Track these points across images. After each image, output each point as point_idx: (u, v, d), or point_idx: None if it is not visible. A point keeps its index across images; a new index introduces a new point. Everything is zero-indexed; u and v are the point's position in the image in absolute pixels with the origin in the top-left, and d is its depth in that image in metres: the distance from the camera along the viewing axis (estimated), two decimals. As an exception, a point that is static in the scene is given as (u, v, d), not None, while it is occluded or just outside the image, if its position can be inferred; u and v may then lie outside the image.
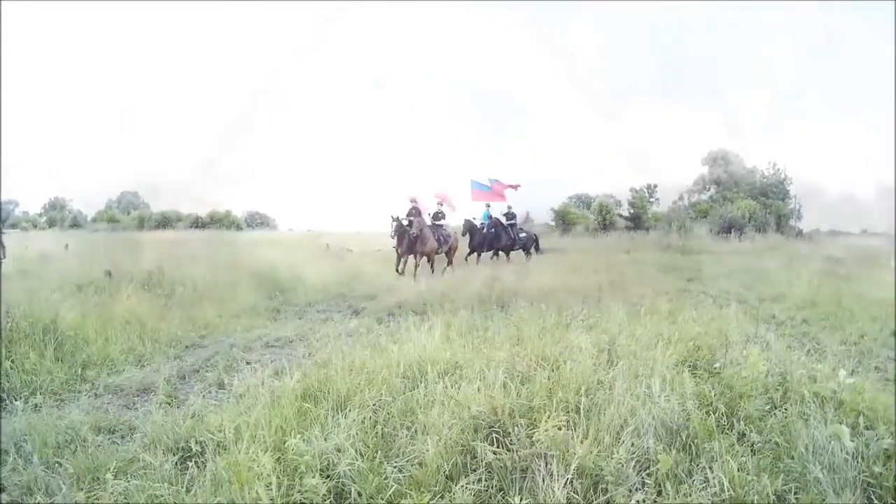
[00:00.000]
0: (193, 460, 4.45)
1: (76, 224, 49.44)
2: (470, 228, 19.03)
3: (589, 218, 48.64)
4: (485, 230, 19.62)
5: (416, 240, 16.75)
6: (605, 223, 46.59)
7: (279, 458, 4.27)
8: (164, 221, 53.46)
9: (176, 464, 4.45)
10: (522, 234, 20.87)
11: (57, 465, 4.59)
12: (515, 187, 20.86)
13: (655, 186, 50.74)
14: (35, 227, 47.29)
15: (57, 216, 50.93)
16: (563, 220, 48.07)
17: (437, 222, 18.03)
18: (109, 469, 4.32)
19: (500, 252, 19.93)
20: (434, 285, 13.51)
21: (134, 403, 6.38)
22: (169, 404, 6.02)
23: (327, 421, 4.84)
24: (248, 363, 7.42)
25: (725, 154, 51.86)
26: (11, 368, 6.70)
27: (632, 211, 49.15)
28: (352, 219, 19.50)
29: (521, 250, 20.60)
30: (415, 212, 17.51)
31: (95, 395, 6.56)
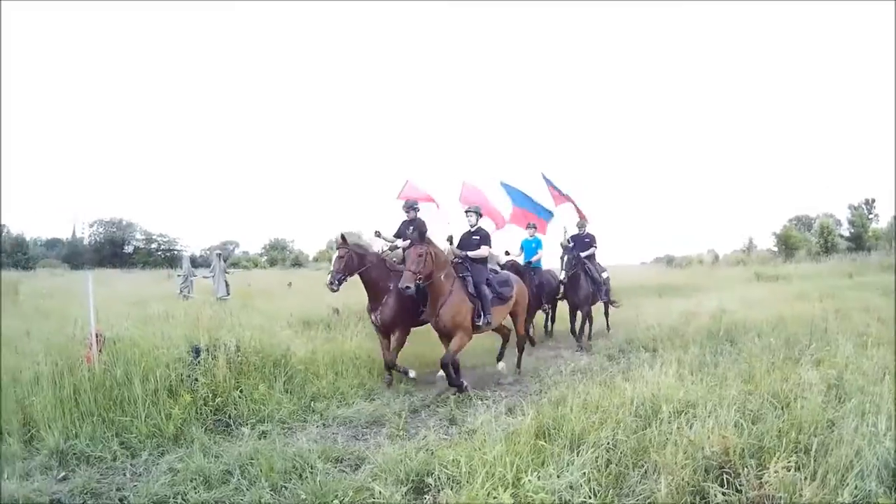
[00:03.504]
0: (429, 493, 4.95)
1: (297, 263, 54.43)
2: (514, 268, 12.48)
3: (810, 241, 46.89)
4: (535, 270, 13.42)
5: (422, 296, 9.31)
6: (827, 246, 44.73)
7: (514, 493, 4.56)
8: (390, 260, 57.23)
9: (405, 494, 4.92)
10: (605, 274, 14.59)
11: (283, 488, 5.24)
12: (565, 197, 14.59)
13: (874, 201, 47.82)
14: (256, 265, 52.44)
15: (278, 256, 56.29)
16: (786, 245, 46.78)
17: (469, 253, 9.64)
18: (338, 496, 4.88)
19: (576, 307, 13.60)
20: (663, 320, 13.46)
21: (363, 435, 7.02)
22: (399, 437, 6.59)
23: (561, 458, 5.10)
24: (480, 399, 7.87)
25: (944, 158, 47.12)
26: (240, 397, 7.62)
27: (852, 230, 46.86)
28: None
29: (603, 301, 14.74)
30: (413, 227, 10.19)
31: (324, 425, 7.28)
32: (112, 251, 51.21)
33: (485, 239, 9.96)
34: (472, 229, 10.10)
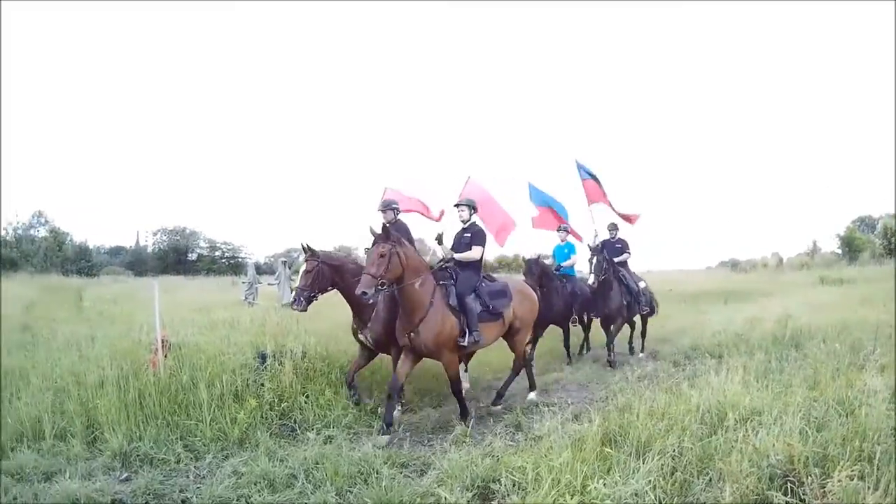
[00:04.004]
0: (495, 499, 5.03)
1: (363, 270, 55.43)
2: (541, 271, 11.59)
3: (874, 243, 46.04)
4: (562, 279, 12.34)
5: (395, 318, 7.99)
6: (891, 247, 43.85)
7: (580, 500, 4.62)
8: (453, 266, 58.13)
9: (471, 500, 5.03)
10: (642, 283, 13.15)
11: (348, 493, 5.39)
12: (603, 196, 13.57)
13: (937, 200, 46.61)
14: (321, 272, 53.42)
15: (340, 264, 57.29)
16: (850, 248, 46.07)
17: (457, 255, 8.48)
18: (403, 501, 5.03)
19: (608, 321, 12.49)
20: (728, 326, 13.57)
21: (429, 440, 7.17)
22: (465, 443, 6.67)
23: (627, 466, 5.13)
24: (546, 406, 7.92)
25: None
26: (305, 403, 7.82)
27: (915, 232, 45.81)
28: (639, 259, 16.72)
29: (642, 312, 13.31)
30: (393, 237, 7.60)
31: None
32: (176, 258, 52.41)
33: (477, 237, 8.59)
34: (465, 226, 8.79)
